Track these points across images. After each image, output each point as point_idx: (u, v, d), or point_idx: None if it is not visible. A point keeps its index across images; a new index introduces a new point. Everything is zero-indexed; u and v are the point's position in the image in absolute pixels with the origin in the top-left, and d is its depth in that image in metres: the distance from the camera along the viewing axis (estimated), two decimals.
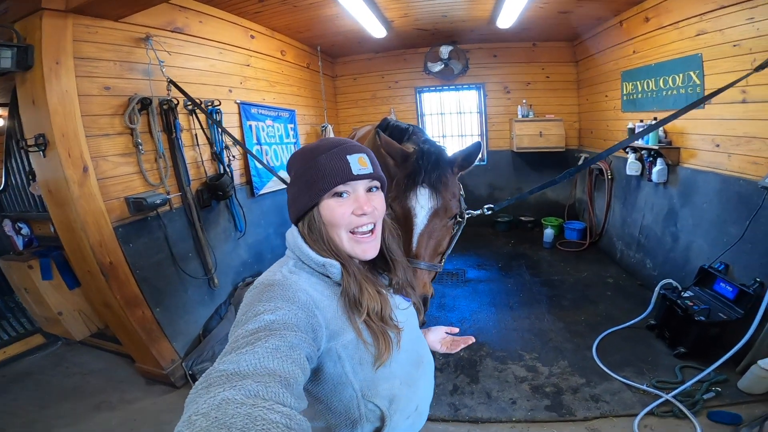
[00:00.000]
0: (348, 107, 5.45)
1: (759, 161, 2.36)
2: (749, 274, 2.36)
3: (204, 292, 2.65)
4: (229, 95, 2.96)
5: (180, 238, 2.44)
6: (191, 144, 2.59)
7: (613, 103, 4.03)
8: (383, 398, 0.74)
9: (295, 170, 0.78)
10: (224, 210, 2.89)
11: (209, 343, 2.46)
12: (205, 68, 2.75)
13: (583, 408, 2.09)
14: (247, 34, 3.27)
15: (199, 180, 2.65)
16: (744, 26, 2.34)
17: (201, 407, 0.43)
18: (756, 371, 2.06)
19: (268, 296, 0.64)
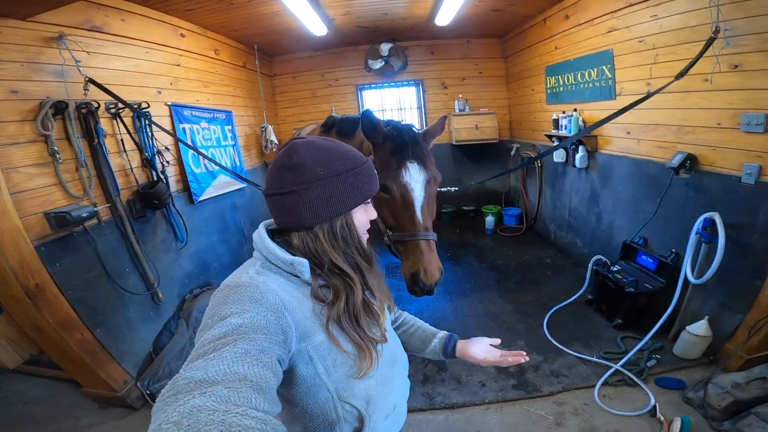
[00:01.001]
0: (287, 107, 5.30)
1: (664, 145, 2.68)
2: (665, 246, 2.69)
3: (148, 308, 2.47)
4: (158, 97, 2.74)
5: (113, 253, 2.24)
6: (117, 150, 2.37)
7: (539, 96, 4.34)
8: (360, 399, 0.73)
9: (332, 170, 0.71)
10: (161, 220, 2.67)
11: (164, 360, 2.31)
12: (129, 68, 2.53)
13: (546, 384, 2.23)
14: (177, 32, 3.06)
15: (130, 189, 2.43)
16: (648, 23, 2.61)
17: (171, 416, 0.41)
18: (686, 337, 2.33)
19: (234, 298, 0.62)
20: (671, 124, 2.59)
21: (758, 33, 1.93)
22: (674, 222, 2.61)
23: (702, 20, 2.15)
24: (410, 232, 1.29)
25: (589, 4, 3.19)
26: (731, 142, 2.19)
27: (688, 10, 2.28)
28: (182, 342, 2.42)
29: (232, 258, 3.55)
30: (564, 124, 3.67)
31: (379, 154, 1.41)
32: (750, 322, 2.08)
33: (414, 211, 1.31)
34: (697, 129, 2.40)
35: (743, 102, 2.08)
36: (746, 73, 2.03)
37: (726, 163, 2.24)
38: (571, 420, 1.97)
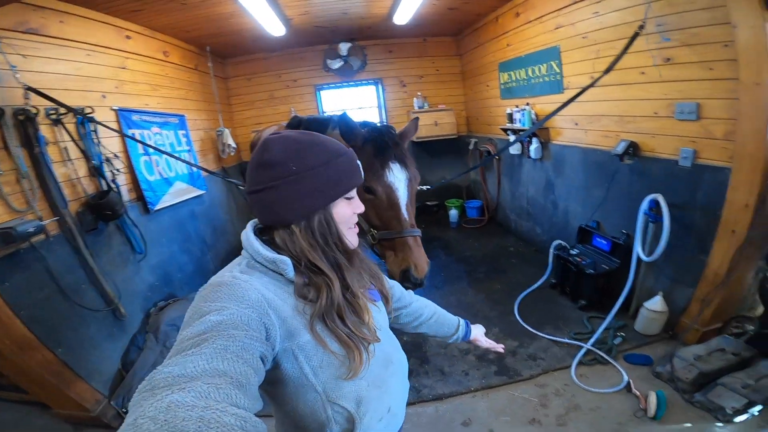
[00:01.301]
0: (243, 109, 5.14)
1: (609, 135, 2.88)
2: (617, 228, 2.90)
3: (111, 325, 2.35)
4: (102, 101, 2.58)
5: (67, 269, 2.11)
6: (62, 159, 2.20)
7: (493, 92, 4.50)
8: (349, 400, 0.72)
9: (305, 164, 0.70)
10: (116, 231, 2.52)
11: (136, 377, 2.23)
12: (70, 72, 2.39)
13: (526, 367, 2.33)
14: (122, 34, 2.90)
15: (79, 200, 2.28)
16: (590, 20, 2.79)
17: (147, 411, 0.40)
18: (645, 313, 2.51)
19: (215, 296, 0.61)
20: (614, 114, 2.79)
21: (686, 28, 2.12)
22: (623, 205, 2.82)
23: (638, 16, 2.31)
24: (396, 230, 1.32)
25: (537, 2, 3.34)
26: (668, 130, 2.40)
27: (625, 6, 2.46)
28: (153, 357, 2.31)
29: (195, 268, 3.40)
30: (518, 117, 3.83)
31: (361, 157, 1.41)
32: (700, 296, 2.28)
33: (400, 209, 1.35)
34: (637, 118, 2.61)
35: (676, 92, 2.28)
36: (677, 65, 2.23)
37: (664, 149, 2.45)
38: (555, 401, 2.07)
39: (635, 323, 2.59)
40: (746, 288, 2.25)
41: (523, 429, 1.92)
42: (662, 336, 2.47)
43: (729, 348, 2.10)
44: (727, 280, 2.10)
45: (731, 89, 1.97)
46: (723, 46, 1.96)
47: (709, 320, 2.28)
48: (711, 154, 2.18)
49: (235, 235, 4.45)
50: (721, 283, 2.12)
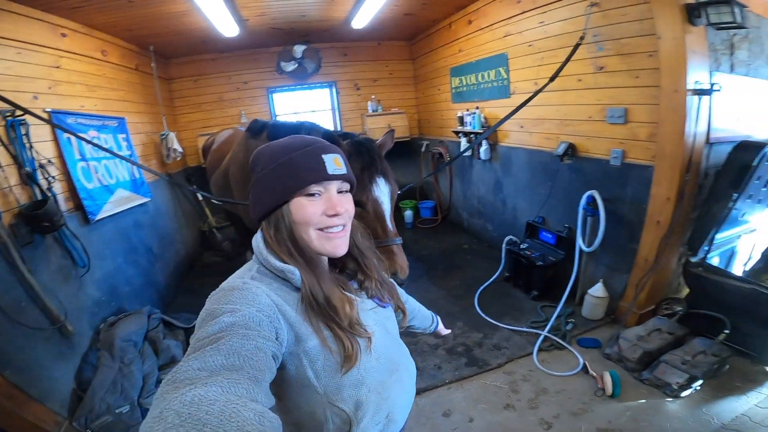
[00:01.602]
0: (189, 112, 4.86)
1: (550, 137, 3.14)
2: (560, 222, 3.16)
3: (58, 343, 2.15)
4: (34, 103, 2.35)
5: (4, 287, 1.90)
6: None
7: (445, 96, 4.69)
8: (348, 403, 0.73)
9: (261, 165, 0.74)
10: (54, 245, 2.28)
11: (96, 396, 2.05)
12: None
13: (493, 357, 2.45)
14: (57, 32, 2.67)
15: (11, 211, 2.05)
16: (536, 29, 3.01)
17: (172, 404, 0.42)
18: (589, 300, 2.75)
19: (227, 299, 0.63)
20: (555, 118, 3.04)
21: (618, 39, 2.38)
22: (564, 201, 3.08)
23: (578, 26, 2.55)
24: (382, 239, 1.41)
25: (489, 11, 3.54)
26: (600, 132, 2.68)
27: (568, 17, 2.69)
28: (111, 375, 2.13)
29: (144, 280, 3.17)
30: (468, 120, 4.03)
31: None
32: (634, 281, 2.55)
33: (385, 221, 1.43)
34: (575, 122, 2.87)
35: (608, 98, 2.55)
36: (610, 73, 2.50)
37: (598, 150, 2.73)
38: (524, 386, 2.21)
39: (582, 309, 2.82)
40: (672, 272, 2.57)
41: (500, 415, 2.03)
42: (606, 320, 2.73)
43: (664, 328, 2.35)
44: (656, 266, 2.37)
45: (654, 95, 2.25)
46: (648, 56, 2.24)
47: (644, 303, 2.55)
48: (637, 154, 2.47)
49: (184, 245, 4.19)
50: (651, 268, 2.40)
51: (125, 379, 2.11)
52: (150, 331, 2.48)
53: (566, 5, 2.68)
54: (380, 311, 0.84)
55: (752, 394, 2.01)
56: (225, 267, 4.19)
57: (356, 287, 0.84)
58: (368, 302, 0.83)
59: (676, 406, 1.97)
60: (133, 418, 2.02)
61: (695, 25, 2.02)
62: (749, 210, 2.42)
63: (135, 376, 2.15)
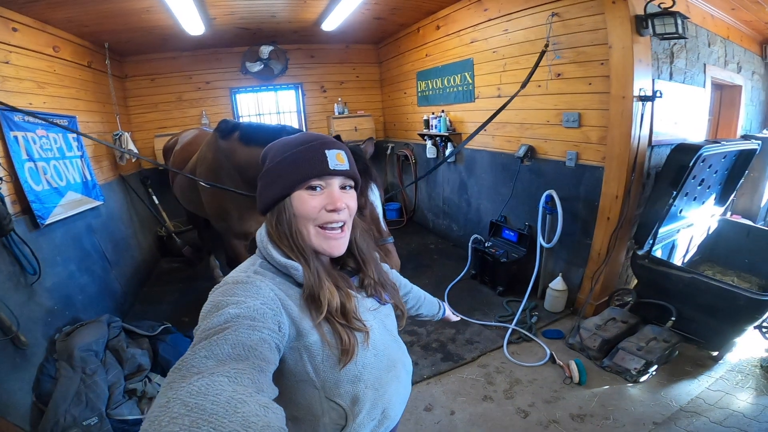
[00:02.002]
0: (145, 111, 4.61)
1: (511, 140, 3.30)
2: (521, 221, 3.32)
3: (12, 355, 2.01)
4: None
5: None
6: None
7: (411, 99, 4.77)
8: (345, 399, 0.74)
9: (269, 159, 0.76)
10: (1, 250, 2.13)
11: (59, 408, 1.92)
12: None
13: (467, 351, 2.52)
14: (8, 26, 2.53)
15: None
16: (500, 36, 3.15)
17: (179, 393, 0.42)
18: (550, 293, 2.90)
19: (231, 292, 0.63)
20: (516, 122, 3.20)
21: (574, 47, 2.55)
22: (525, 200, 3.25)
23: (539, 35, 2.71)
24: (377, 239, 1.49)
25: (457, 17, 3.65)
26: (557, 135, 2.86)
27: (530, 26, 2.84)
28: (74, 386, 1.99)
29: (99, 288, 2.97)
30: (434, 124, 4.13)
31: None
32: (589, 274, 2.73)
33: (380, 222, 1.52)
34: (534, 125, 3.04)
35: (564, 104, 2.73)
36: (566, 80, 2.67)
37: (555, 152, 2.91)
38: (498, 378, 2.30)
39: (545, 303, 2.98)
40: (621, 265, 2.78)
41: (480, 406, 2.10)
42: (566, 312, 2.90)
43: (618, 317, 2.53)
44: (608, 259, 2.56)
45: (604, 101, 2.44)
46: (600, 64, 2.42)
47: (599, 294, 2.74)
48: (589, 155, 2.66)
49: (140, 251, 3.98)
50: (603, 261, 2.58)
51: (89, 390, 1.99)
52: (111, 340, 2.34)
53: (530, 14, 2.83)
54: (380, 309, 0.85)
55: (702, 378, 2.20)
56: (186, 273, 4.01)
57: (357, 285, 0.85)
58: (368, 300, 0.84)
59: (637, 391, 2.13)
60: (103, 430, 1.91)
61: (642, 35, 2.21)
62: (686, 207, 2.68)
63: (100, 386, 2.03)
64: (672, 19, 2.06)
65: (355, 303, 0.77)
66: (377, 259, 0.91)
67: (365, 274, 0.85)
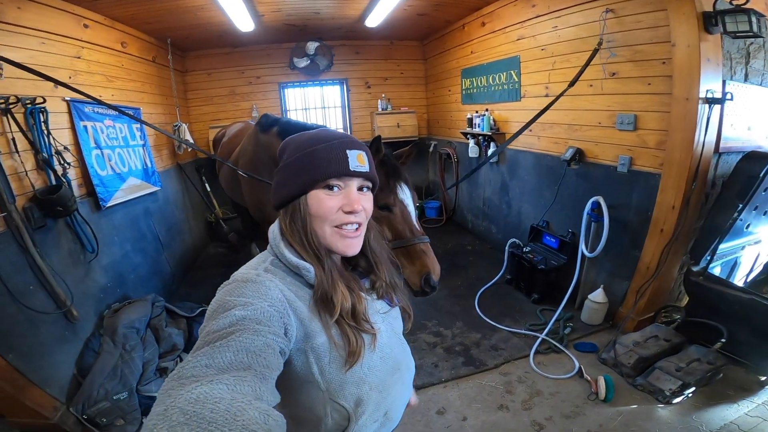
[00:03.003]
0: (201, 104, 4.93)
1: (558, 141, 3.14)
2: (564, 227, 3.16)
3: (63, 328, 2.17)
4: (55, 91, 2.39)
5: (14, 270, 1.92)
6: (8, 151, 2.02)
7: (455, 97, 4.69)
8: (349, 400, 0.73)
9: (287, 154, 0.75)
10: (65, 229, 2.33)
11: (95, 382, 2.06)
12: (22, 60, 2.21)
13: (490, 358, 2.47)
14: (80, 23, 2.74)
15: (26, 195, 2.09)
16: (549, 33, 3.01)
17: (177, 402, 0.42)
18: (589, 305, 2.75)
19: (240, 292, 0.62)
20: (564, 123, 3.04)
21: (631, 45, 2.38)
22: (569, 206, 3.08)
23: (591, 32, 2.56)
24: (410, 239, 1.46)
25: (503, 14, 3.54)
26: (609, 138, 2.68)
27: (582, 23, 2.70)
28: (113, 361, 2.15)
29: (150, 268, 3.22)
30: (477, 122, 4.04)
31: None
32: (635, 287, 2.55)
33: (412, 221, 1.49)
34: (584, 127, 2.87)
35: (618, 104, 2.55)
36: (621, 80, 2.50)
37: (605, 156, 2.73)
38: (519, 387, 2.23)
39: (581, 314, 2.82)
40: (673, 280, 2.56)
41: (494, 415, 2.05)
42: (604, 325, 2.73)
43: (661, 335, 2.36)
44: (657, 274, 2.37)
45: (665, 103, 2.25)
46: (661, 63, 2.23)
47: (643, 310, 2.55)
48: (644, 161, 2.47)
49: (191, 235, 4.26)
50: (652, 276, 2.40)
51: (126, 365, 2.13)
52: (153, 318, 2.51)
53: (581, 11, 2.68)
54: (389, 311, 0.85)
55: (743, 402, 2.01)
56: (229, 259, 4.25)
57: (368, 287, 0.83)
58: (378, 303, 0.83)
59: (666, 413, 1.98)
60: (130, 405, 2.03)
61: (711, 33, 2.01)
62: (754, 221, 2.40)
63: (136, 362, 2.17)
64: (745, 16, 1.85)
65: (366, 305, 0.76)
66: (390, 260, 0.89)
67: (377, 276, 0.83)
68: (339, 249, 0.73)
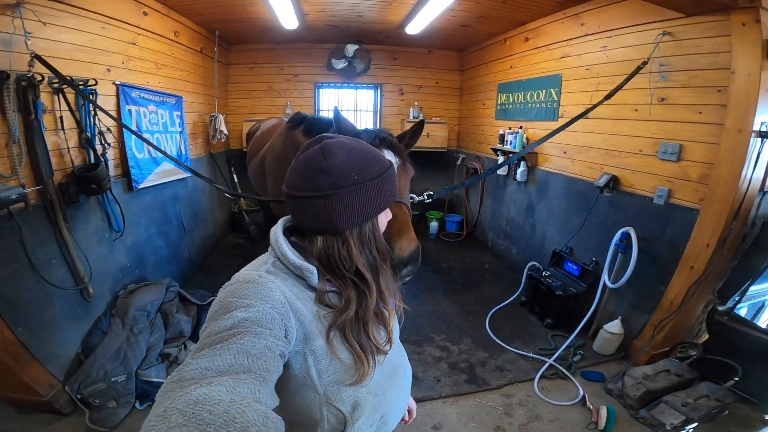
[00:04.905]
0: (239, 97, 5.08)
1: (594, 166, 3.02)
2: (588, 255, 3.03)
3: (76, 305, 2.21)
4: (106, 75, 2.52)
5: (39, 242, 1.98)
6: (54, 128, 2.12)
7: (489, 111, 4.62)
8: (346, 404, 0.73)
9: (366, 174, 0.71)
10: (96, 206, 2.41)
11: (97, 362, 2.07)
12: (82, 43, 2.33)
13: (494, 378, 2.41)
14: (140, 9, 2.86)
15: (64, 171, 2.18)
16: (597, 53, 2.92)
17: (176, 403, 0.42)
18: (603, 334, 2.65)
19: (242, 293, 0.62)
20: (601, 147, 2.93)
21: (686, 70, 2.27)
22: (596, 234, 2.96)
23: (644, 54, 2.45)
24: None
25: (548, 30, 3.47)
26: (648, 167, 2.55)
27: (634, 44, 2.60)
28: (118, 342, 2.16)
29: (170, 252, 3.30)
30: (509, 139, 3.95)
31: None
32: (655, 321, 2.43)
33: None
34: (622, 153, 2.75)
35: (663, 132, 2.43)
36: (670, 106, 2.38)
37: (642, 185, 2.60)
38: (519, 410, 2.17)
39: (594, 343, 2.73)
40: (695, 317, 2.44)
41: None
42: (616, 356, 2.64)
43: (674, 369, 2.27)
44: (680, 310, 2.27)
45: (714, 134, 2.13)
46: (716, 91, 2.12)
47: (659, 344, 2.44)
48: (684, 194, 2.34)
49: (213, 224, 4.37)
50: (675, 311, 2.29)
51: (130, 348, 2.14)
52: (165, 303, 2.53)
53: (634, 32, 2.59)
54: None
55: None
56: (247, 250, 4.34)
57: None
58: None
59: None
60: (126, 388, 2.03)
61: None
62: None
63: (140, 346, 2.18)
64: None
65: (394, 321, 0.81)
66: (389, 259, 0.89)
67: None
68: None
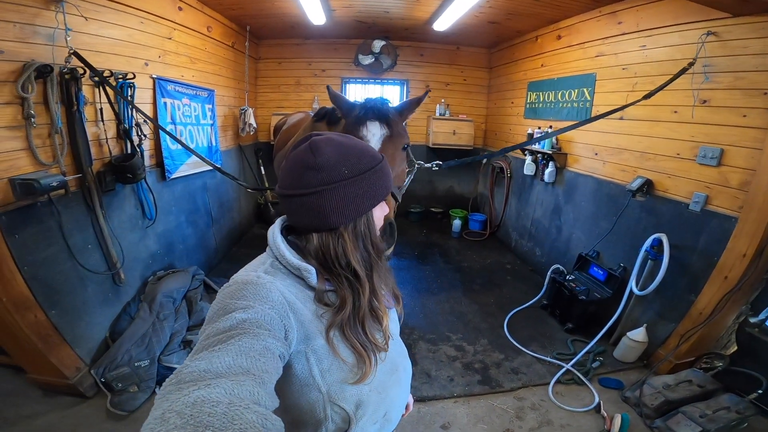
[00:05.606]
0: (268, 91, 5.20)
1: (626, 169, 2.90)
2: (615, 260, 2.93)
3: (108, 290, 2.32)
4: (144, 69, 2.63)
5: (77, 228, 2.09)
6: (95, 119, 2.24)
7: (517, 110, 4.52)
8: (350, 402, 0.73)
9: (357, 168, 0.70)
10: (131, 195, 2.54)
11: (123, 347, 2.14)
12: (122, 38, 2.44)
13: (508, 380, 2.39)
14: (175, 5, 2.96)
15: (102, 160, 2.30)
16: (635, 52, 2.80)
17: (175, 405, 0.42)
18: (626, 342, 2.57)
19: (241, 294, 0.62)
20: (636, 150, 2.80)
21: (732, 71, 2.14)
22: (626, 239, 2.85)
23: (686, 55, 2.34)
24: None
25: (582, 28, 3.36)
26: (686, 172, 2.42)
27: (677, 44, 2.48)
28: (144, 327, 2.25)
29: (198, 241, 3.43)
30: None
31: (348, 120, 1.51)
32: (681, 331, 2.35)
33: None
34: (658, 156, 2.62)
35: (703, 135, 2.30)
36: (712, 108, 2.25)
37: (678, 191, 2.48)
38: (530, 414, 2.14)
39: (615, 350, 2.66)
40: (725, 328, 2.32)
41: None
42: (637, 364, 2.56)
43: (696, 380, 2.20)
44: (710, 320, 2.18)
45: (758, 139, 2.00)
46: (763, 94, 1.99)
47: (684, 354, 2.36)
48: (722, 201, 2.21)
49: (240, 214, 4.52)
50: (704, 322, 2.20)
51: (155, 334, 2.21)
52: (190, 290, 2.62)
53: (677, 31, 2.46)
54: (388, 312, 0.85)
55: None
56: None
57: None
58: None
59: None
60: (149, 373, 2.10)
61: None
62: None
63: (165, 332, 2.26)
64: None
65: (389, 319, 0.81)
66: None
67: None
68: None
